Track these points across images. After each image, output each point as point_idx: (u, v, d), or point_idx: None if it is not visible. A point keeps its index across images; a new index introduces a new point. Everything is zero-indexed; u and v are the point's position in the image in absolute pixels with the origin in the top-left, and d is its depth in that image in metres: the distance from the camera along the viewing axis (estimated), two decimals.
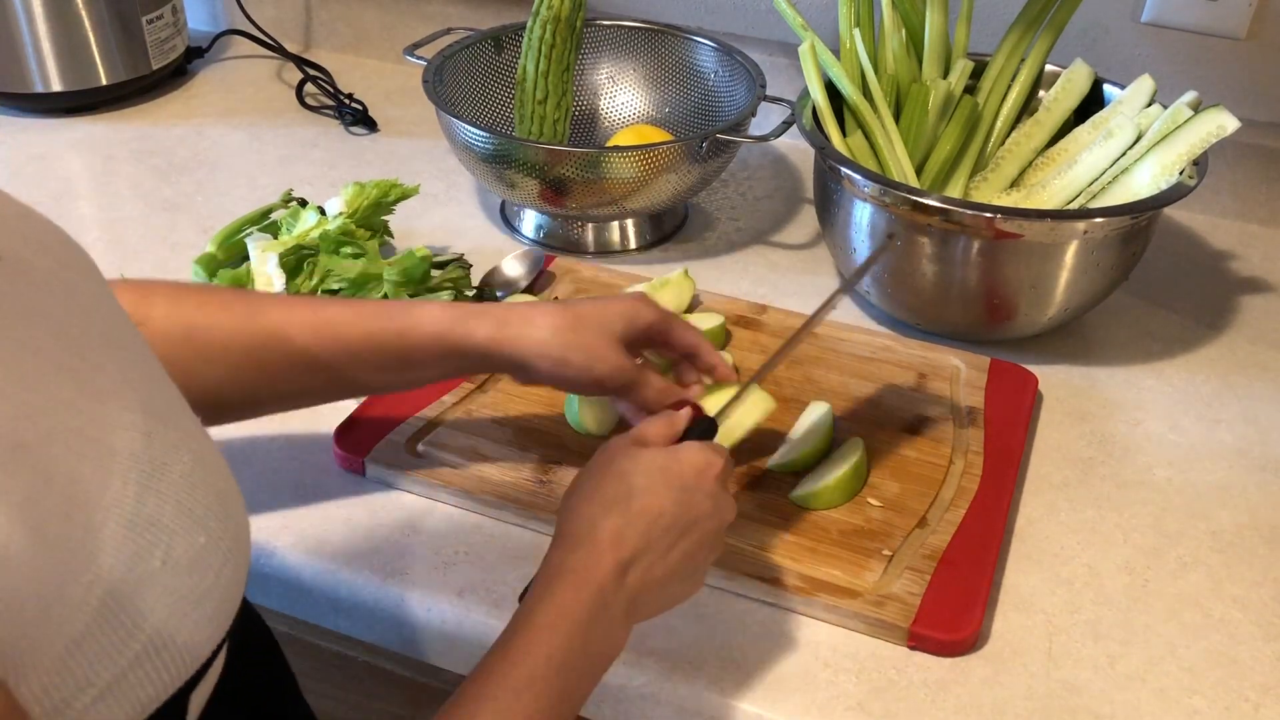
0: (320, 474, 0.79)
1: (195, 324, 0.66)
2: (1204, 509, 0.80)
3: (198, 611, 0.40)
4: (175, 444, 0.41)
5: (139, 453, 0.39)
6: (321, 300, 0.72)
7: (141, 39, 1.27)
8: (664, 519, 0.58)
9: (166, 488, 0.39)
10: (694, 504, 0.60)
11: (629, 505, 0.58)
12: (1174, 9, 1.08)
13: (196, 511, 0.40)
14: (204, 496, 0.41)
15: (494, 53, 1.13)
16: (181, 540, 0.39)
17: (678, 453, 0.61)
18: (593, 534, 0.57)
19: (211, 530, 0.40)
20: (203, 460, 0.42)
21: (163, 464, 0.39)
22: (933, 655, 0.67)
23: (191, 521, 0.40)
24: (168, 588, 0.38)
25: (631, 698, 0.66)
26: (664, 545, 0.58)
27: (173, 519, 0.39)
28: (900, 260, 0.90)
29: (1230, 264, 1.09)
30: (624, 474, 0.60)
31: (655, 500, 0.59)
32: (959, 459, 0.80)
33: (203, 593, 0.40)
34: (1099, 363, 0.94)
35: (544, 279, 0.98)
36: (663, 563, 0.58)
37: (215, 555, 0.41)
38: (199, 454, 0.42)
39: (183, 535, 0.39)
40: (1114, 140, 0.92)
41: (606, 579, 0.56)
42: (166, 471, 0.39)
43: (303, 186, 1.12)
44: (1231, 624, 0.71)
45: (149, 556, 0.38)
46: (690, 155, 0.98)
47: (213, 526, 0.41)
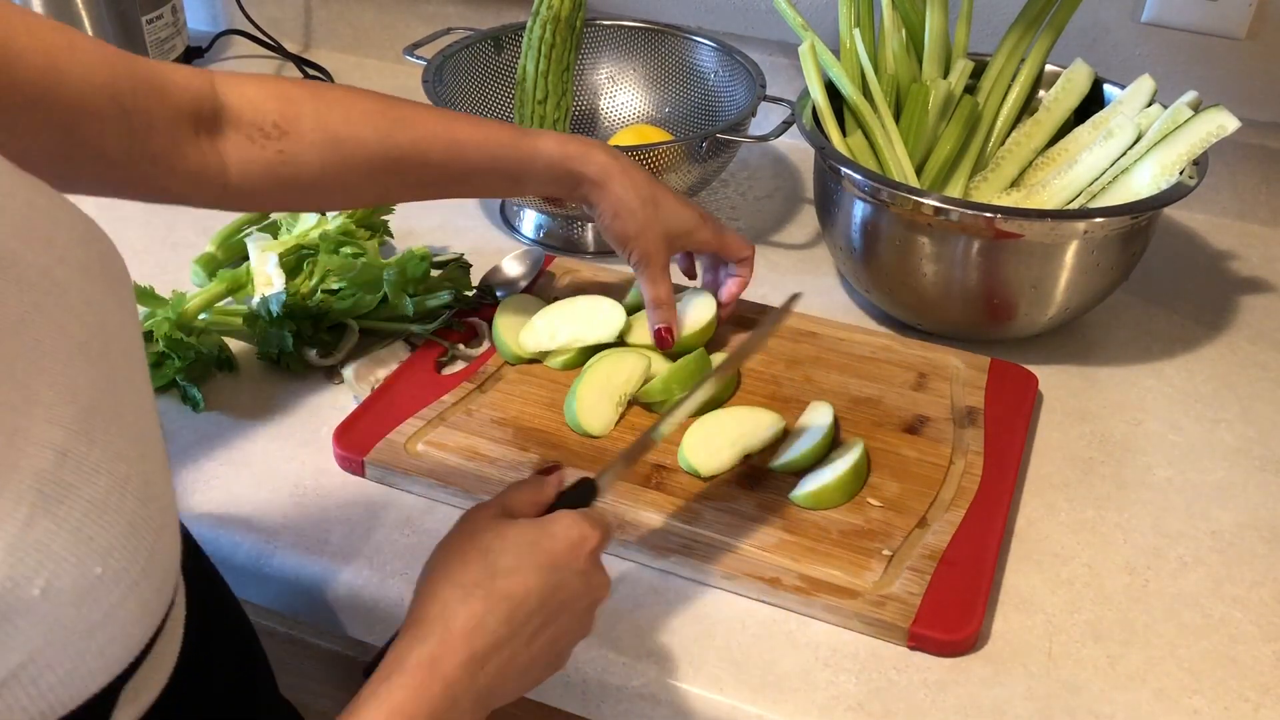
0: (320, 474, 0.79)
1: (341, 136, 0.71)
2: (1204, 509, 0.80)
3: (84, 644, 0.37)
4: (94, 467, 0.38)
5: (44, 472, 0.36)
6: (453, 119, 0.78)
7: (141, 39, 1.27)
8: (529, 603, 0.54)
9: (66, 513, 0.36)
10: (564, 585, 0.56)
11: (491, 588, 0.54)
12: (1174, 9, 1.08)
13: (97, 541, 0.37)
14: (111, 525, 0.38)
15: (494, 53, 1.13)
16: (71, 571, 0.36)
17: (549, 526, 0.57)
18: (446, 621, 0.53)
19: (112, 562, 0.38)
20: (124, 485, 0.39)
21: (69, 486, 0.37)
22: (933, 655, 0.67)
23: (89, 551, 0.37)
24: (45, 618, 0.36)
25: (631, 698, 0.66)
26: (528, 632, 0.54)
27: (65, 547, 0.36)
28: (900, 260, 0.90)
29: (1230, 264, 1.09)
30: (487, 551, 0.55)
31: (521, 582, 0.54)
32: (959, 459, 0.80)
33: (91, 626, 0.37)
34: (1099, 363, 0.94)
35: (544, 279, 0.98)
36: (526, 651, 0.54)
37: (114, 588, 0.38)
38: (123, 478, 0.39)
39: (74, 565, 0.36)
40: (1114, 140, 0.92)
41: (457, 675, 0.52)
42: (71, 495, 0.37)
43: None
44: (1231, 624, 0.71)
45: (27, 584, 0.35)
46: (690, 155, 0.98)
47: (115, 558, 0.38)
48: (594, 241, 1.06)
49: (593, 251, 1.06)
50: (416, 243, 1.00)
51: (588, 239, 1.06)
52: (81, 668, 0.38)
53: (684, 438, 0.79)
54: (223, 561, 0.74)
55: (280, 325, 0.86)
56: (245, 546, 0.74)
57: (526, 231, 1.08)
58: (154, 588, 0.41)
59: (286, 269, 0.91)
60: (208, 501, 0.76)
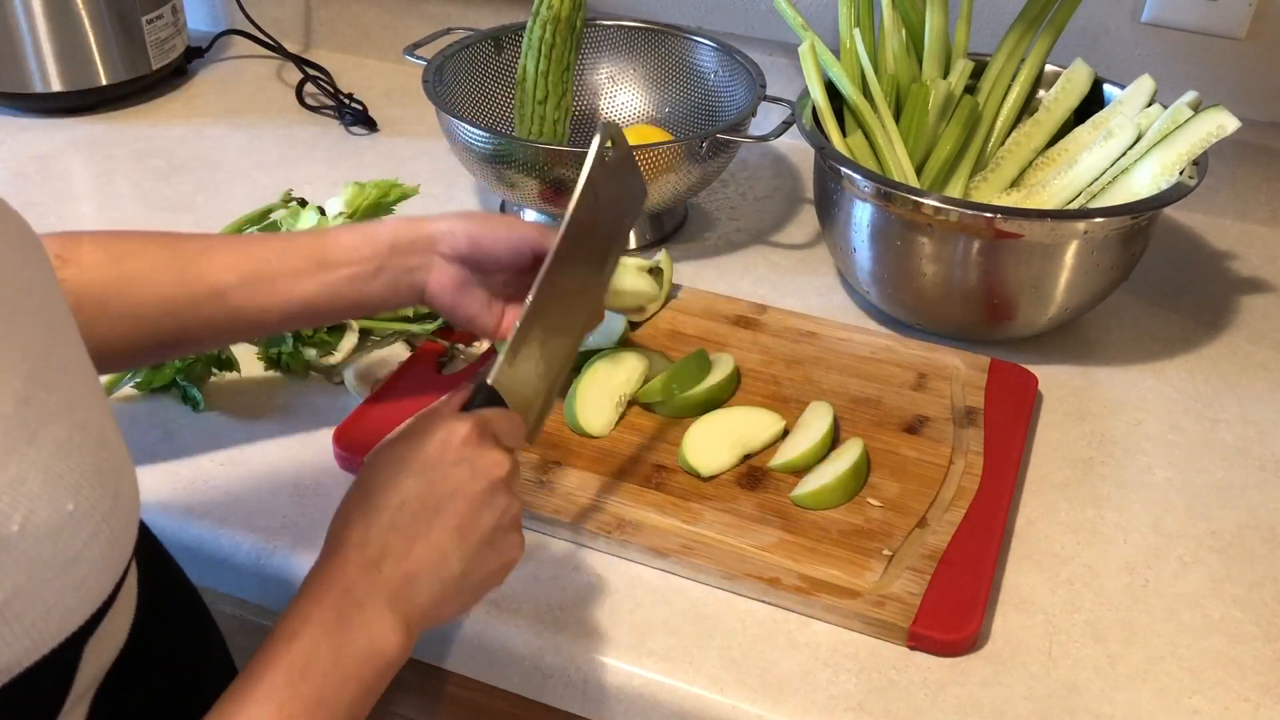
0: (320, 474, 0.79)
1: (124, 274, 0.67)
2: (1204, 509, 0.80)
3: (61, 579, 0.39)
4: (54, 412, 0.40)
5: (9, 416, 0.38)
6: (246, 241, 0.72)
7: (141, 39, 1.27)
8: (407, 505, 0.57)
9: (35, 454, 0.39)
10: (440, 478, 0.57)
11: (367, 504, 0.57)
12: (1174, 9, 1.08)
13: (67, 479, 0.39)
14: (77, 465, 0.40)
15: (494, 53, 1.13)
16: (45, 507, 0.38)
17: (413, 434, 0.59)
18: (337, 544, 0.56)
19: (82, 499, 0.40)
20: (83, 429, 0.41)
21: (35, 430, 0.39)
22: (933, 655, 0.67)
23: (60, 488, 0.39)
24: (25, 554, 0.38)
25: (631, 697, 0.66)
26: (416, 529, 0.56)
27: (38, 485, 0.38)
28: (900, 260, 0.90)
29: (1230, 264, 1.09)
30: (362, 480, 0.59)
31: (393, 492, 0.57)
32: (959, 459, 0.80)
33: (68, 560, 0.39)
34: (1099, 363, 0.94)
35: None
36: (423, 549, 0.56)
37: (85, 524, 0.40)
38: (81, 423, 0.41)
39: (47, 502, 0.38)
40: (1114, 140, 0.92)
41: (352, 579, 0.54)
42: (37, 438, 0.39)
43: (303, 186, 1.12)
44: (1231, 624, 0.71)
45: (7, 520, 0.37)
46: (690, 155, 0.98)
47: (84, 495, 0.40)
48: None
49: None
50: None
51: None
52: (60, 604, 0.39)
53: (684, 438, 0.79)
54: (223, 562, 0.74)
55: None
56: (245, 546, 0.74)
57: None
58: (120, 529, 0.43)
59: None
60: (208, 501, 0.76)
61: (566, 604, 0.70)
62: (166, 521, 0.75)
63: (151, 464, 0.79)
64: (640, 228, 1.07)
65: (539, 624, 0.68)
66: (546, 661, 0.68)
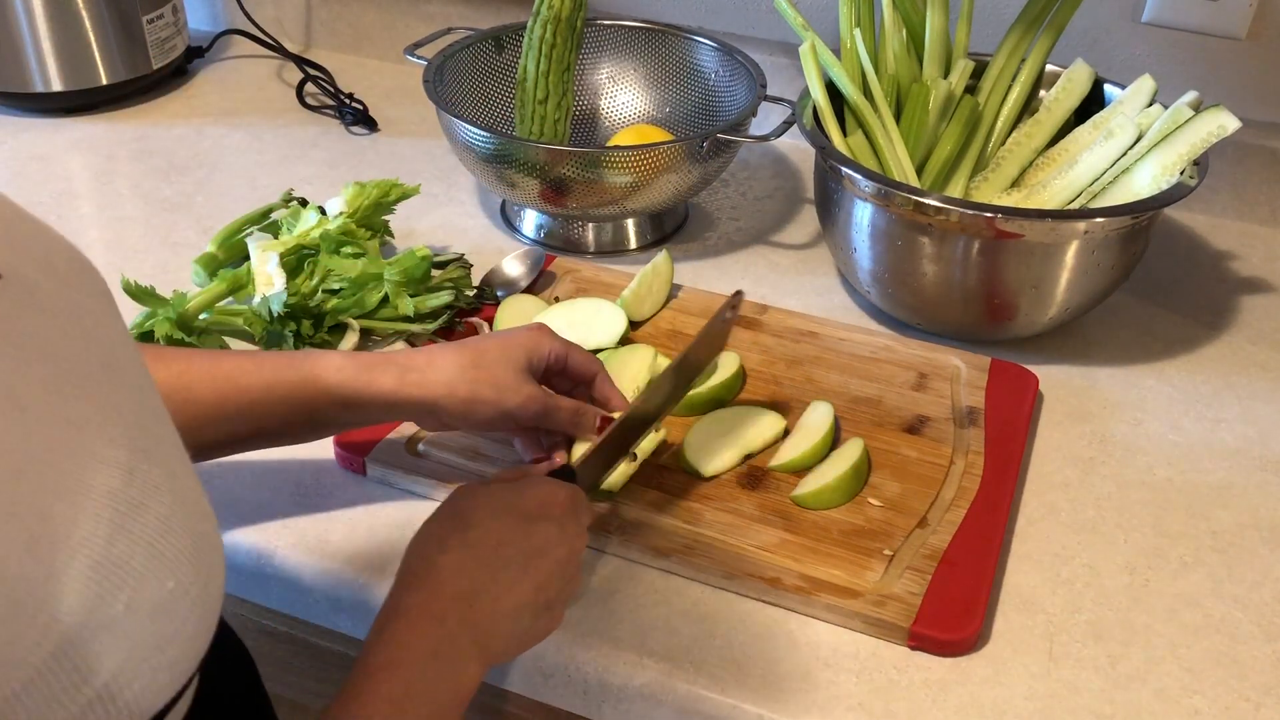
0: (320, 474, 0.79)
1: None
2: (1204, 509, 0.80)
3: (158, 658, 0.38)
4: (157, 484, 0.39)
5: (117, 491, 0.37)
6: (222, 355, 0.70)
7: (141, 39, 1.27)
8: (506, 549, 0.58)
9: (140, 530, 0.37)
10: (537, 533, 0.59)
11: (466, 537, 0.58)
12: (1174, 9, 1.08)
13: (168, 555, 0.38)
14: (178, 540, 0.39)
15: (494, 53, 1.13)
16: (149, 585, 0.37)
17: (519, 487, 0.61)
18: (431, 570, 0.56)
19: (182, 575, 0.39)
20: (183, 502, 0.40)
21: (140, 504, 0.38)
22: (933, 655, 0.67)
23: (162, 566, 0.38)
24: (128, 634, 0.37)
25: (631, 698, 0.66)
26: (510, 576, 0.58)
27: (143, 563, 0.37)
28: (901, 260, 0.90)
29: (1230, 264, 1.09)
30: (462, 511, 0.59)
31: (495, 531, 0.58)
32: (959, 459, 0.80)
33: (165, 639, 0.38)
34: (1099, 363, 0.94)
35: (544, 279, 0.98)
36: (510, 595, 0.57)
37: (183, 601, 0.39)
38: (180, 495, 0.40)
39: (151, 580, 0.37)
40: (1114, 140, 0.92)
41: (448, 612, 0.55)
42: (143, 512, 0.38)
43: (303, 186, 1.12)
44: (1231, 624, 0.71)
45: (112, 601, 0.36)
46: (690, 155, 0.98)
47: (184, 572, 0.39)
48: (594, 241, 1.06)
49: (593, 251, 1.06)
50: (417, 243, 1.00)
51: (588, 239, 1.06)
52: (154, 683, 0.38)
53: (685, 438, 0.79)
54: None
55: (281, 325, 0.86)
56: (245, 546, 0.74)
57: (527, 231, 1.08)
58: (211, 603, 0.42)
59: (287, 269, 0.91)
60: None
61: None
62: None
63: None
64: (640, 228, 1.07)
65: None
66: (546, 661, 0.67)
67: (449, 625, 0.55)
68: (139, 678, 0.37)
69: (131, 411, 0.40)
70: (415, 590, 0.56)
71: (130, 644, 0.37)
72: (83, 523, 0.36)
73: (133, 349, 0.45)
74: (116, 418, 0.39)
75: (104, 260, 1.00)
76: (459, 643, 0.55)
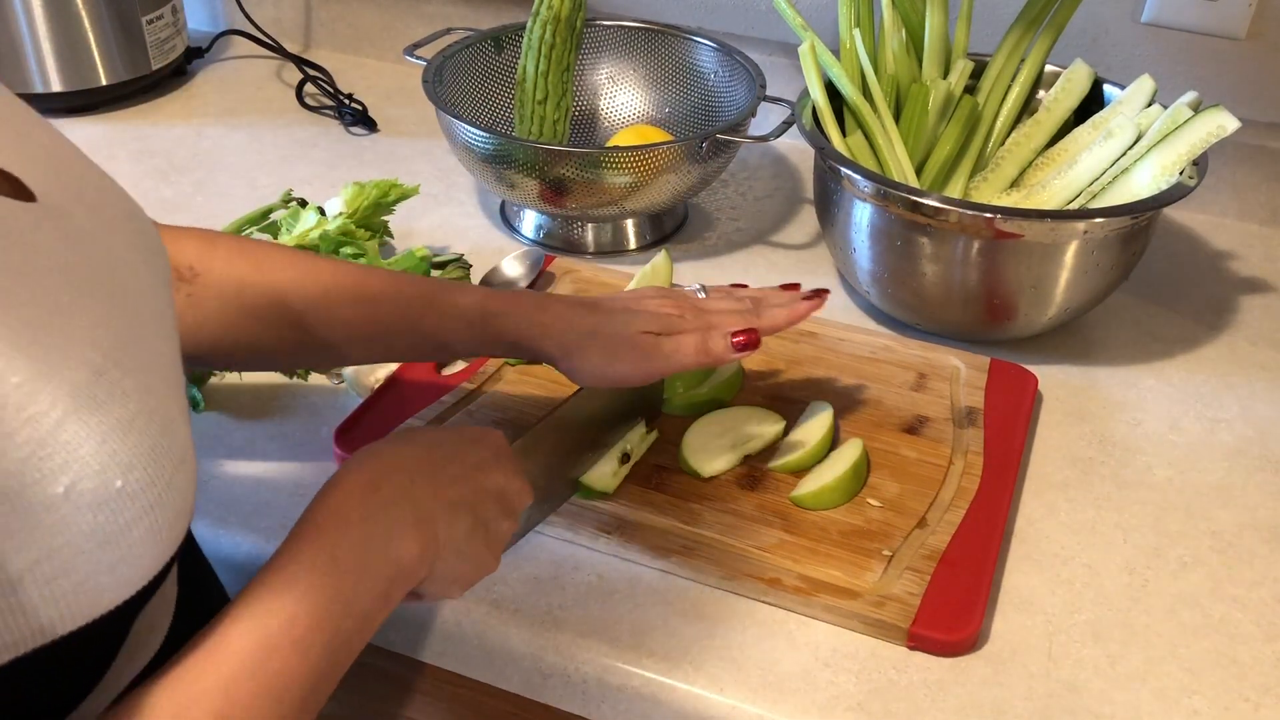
0: (320, 474, 0.78)
1: (246, 282, 0.68)
2: (1204, 509, 0.80)
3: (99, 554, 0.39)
4: (126, 391, 0.41)
5: (80, 384, 0.39)
6: (369, 272, 0.72)
7: (141, 39, 1.27)
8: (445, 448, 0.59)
9: (96, 423, 0.39)
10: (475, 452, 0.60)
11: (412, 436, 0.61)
12: (1174, 9, 1.08)
13: (120, 455, 0.40)
14: (135, 445, 0.40)
15: (494, 53, 1.13)
16: (93, 478, 0.39)
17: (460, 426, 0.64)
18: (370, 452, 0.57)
19: (132, 479, 0.40)
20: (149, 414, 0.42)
21: (101, 402, 0.39)
22: (933, 655, 0.67)
23: (112, 463, 0.39)
24: (64, 518, 0.38)
25: (631, 698, 0.66)
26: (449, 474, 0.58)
27: (90, 453, 0.39)
28: (900, 260, 0.90)
29: (1230, 264, 1.09)
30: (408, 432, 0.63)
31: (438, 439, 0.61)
32: (959, 459, 0.80)
33: (108, 536, 0.39)
34: (1099, 363, 0.94)
35: (544, 279, 0.98)
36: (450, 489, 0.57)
37: (131, 504, 0.40)
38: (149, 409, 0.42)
39: (96, 473, 0.39)
40: (1114, 140, 0.92)
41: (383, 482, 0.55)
42: (102, 409, 0.39)
43: (302, 186, 1.12)
44: (1231, 624, 0.71)
45: (52, 480, 0.37)
46: (690, 155, 0.98)
47: (135, 475, 0.40)
48: (594, 242, 1.06)
49: (593, 252, 1.06)
50: (416, 243, 1.00)
51: (588, 239, 1.06)
52: (92, 580, 0.39)
53: (683, 439, 0.79)
54: (222, 561, 0.74)
55: None
56: (245, 546, 0.74)
57: (526, 231, 1.08)
58: (166, 518, 0.42)
59: None
60: (208, 501, 0.76)
61: (566, 604, 0.70)
62: None
63: None
64: (640, 228, 1.07)
65: (539, 624, 0.68)
66: (546, 661, 0.68)
67: (384, 492, 0.54)
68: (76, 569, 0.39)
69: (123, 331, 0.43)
70: (353, 468, 0.55)
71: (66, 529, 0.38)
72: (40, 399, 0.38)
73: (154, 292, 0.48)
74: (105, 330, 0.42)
75: None
76: (393, 511, 0.54)
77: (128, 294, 0.45)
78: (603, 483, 0.75)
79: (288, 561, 0.50)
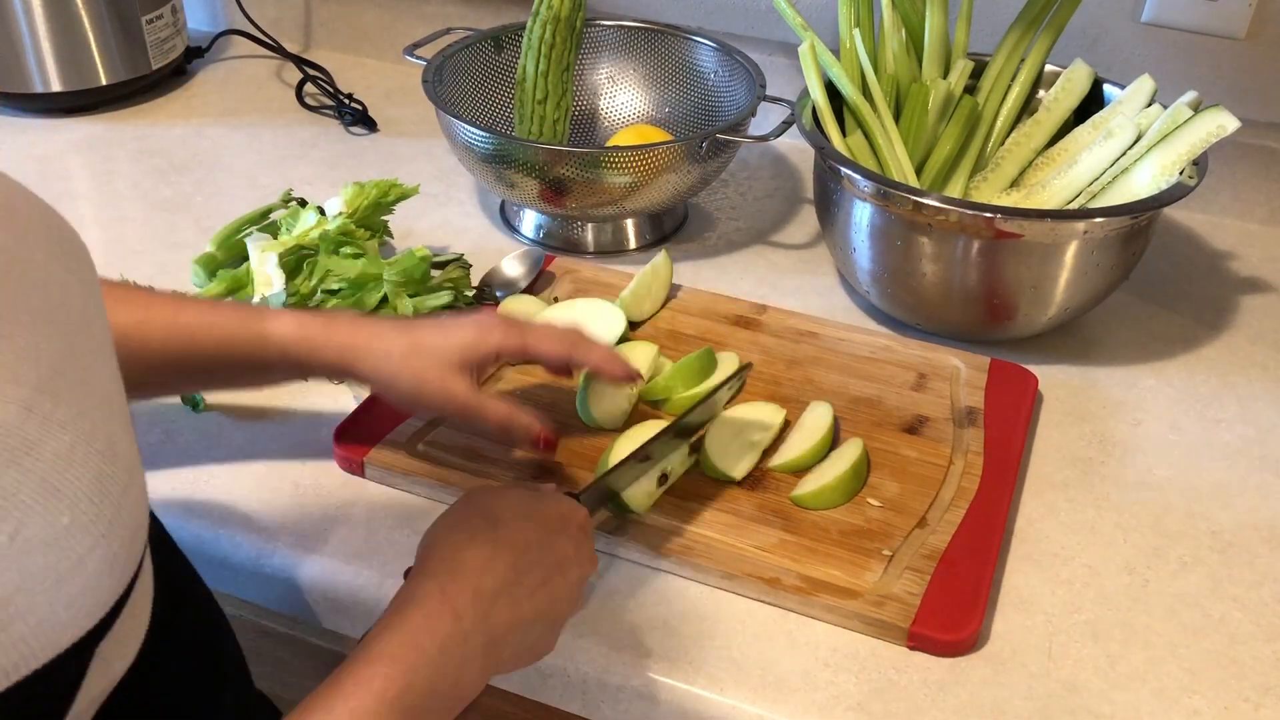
0: (320, 474, 0.79)
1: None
2: (1204, 509, 0.80)
3: (58, 590, 0.38)
4: (61, 423, 0.39)
5: (9, 425, 0.37)
6: (183, 303, 0.71)
7: (141, 39, 1.27)
8: (531, 553, 0.57)
9: (32, 464, 0.38)
10: (560, 546, 0.59)
11: (495, 534, 0.56)
12: (1174, 9, 1.08)
13: (64, 491, 0.39)
14: (77, 478, 0.39)
15: (494, 53, 1.13)
16: (38, 519, 0.38)
17: (542, 497, 0.61)
18: (454, 560, 0.55)
19: (80, 512, 0.39)
20: (89, 442, 0.40)
21: (35, 441, 0.38)
22: (933, 655, 0.67)
23: (56, 500, 0.38)
24: (13, 564, 0.37)
25: (631, 698, 0.66)
26: (529, 583, 0.56)
27: (31, 495, 0.37)
28: (900, 260, 0.90)
29: (1230, 264, 1.09)
30: (489, 507, 0.58)
31: (522, 533, 0.57)
32: (959, 459, 0.80)
33: (64, 572, 0.38)
34: (1099, 363, 0.94)
35: (544, 279, 0.98)
36: (530, 601, 0.56)
37: (83, 537, 0.39)
38: (89, 436, 0.40)
39: (40, 513, 0.38)
40: (1114, 140, 0.92)
41: (465, 608, 0.53)
42: (37, 449, 0.38)
43: (302, 186, 1.12)
44: (1231, 624, 0.71)
45: None
46: (690, 155, 0.98)
47: (82, 508, 0.39)
48: (594, 241, 1.06)
49: (593, 251, 1.06)
50: (416, 243, 1.00)
51: (588, 239, 1.06)
52: (51, 618, 0.39)
53: (705, 445, 0.78)
54: (222, 562, 0.74)
55: None
56: (245, 546, 0.74)
57: (526, 231, 1.08)
58: (121, 543, 0.42)
59: (287, 269, 0.91)
60: (208, 501, 0.76)
61: None
62: (166, 522, 0.75)
63: (152, 465, 0.79)
64: (640, 228, 1.07)
65: None
66: (545, 662, 0.67)
67: (464, 623, 0.53)
68: (33, 611, 0.38)
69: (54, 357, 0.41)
70: (435, 577, 0.54)
71: (18, 574, 0.37)
72: None
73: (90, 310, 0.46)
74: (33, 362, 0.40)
75: (103, 260, 1.00)
76: (470, 643, 0.53)
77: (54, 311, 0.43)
78: (637, 502, 0.74)
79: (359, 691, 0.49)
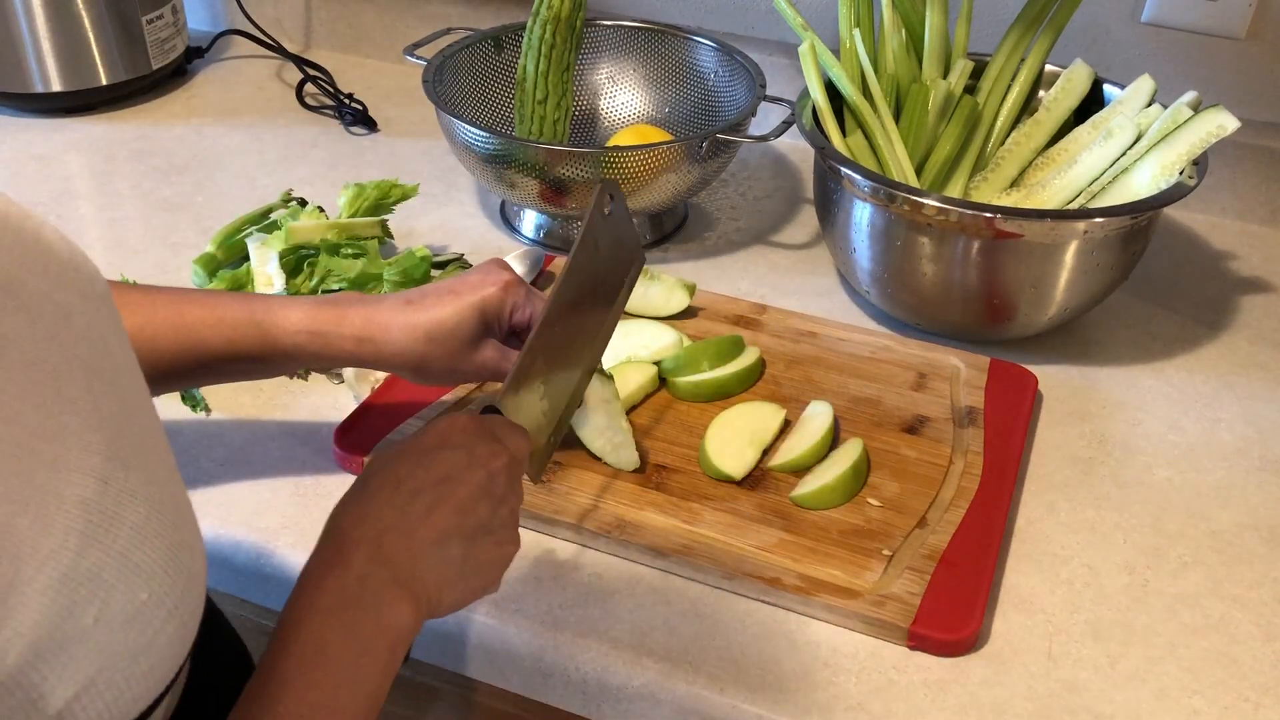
0: (320, 474, 0.79)
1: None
2: (1204, 509, 0.80)
3: (132, 668, 0.38)
4: (133, 491, 0.38)
5: (90, 501, 0.36)
6: (186, 300, 0.70)
7: (141, 39, 1.27)
8: (407, 483, 0.56)
9: (112, 540, 0.37)
10: (439, 462, 0.57)
11: (364, 490, 0.56)
12: (1174, 9, 1.08)
13: (143, 566, 0.38)
14: (153, 550, 0.38)
15: (494, 53, 1.13)
16: (120, 596, 0.37)
17: (417, 431, 0.60)
18: (333, 527, 0.55)
19: (156, 586, 0.38)
20: (160, 510, 0.40)
21: (114, 515, 0.37)
22: (933, 655, 0.67)
23: (135, 576, 0.38)
24: (99, 645, 0.36)
25: (631, 698, 0.66)
26: (418, 508, 0.55)
27: (115, 574, 0.37)
28: (900, 260, 0.90)
29: (1230, 264, 1.09)
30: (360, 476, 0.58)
31: (389, 475, 0.56)
32: (959, 459, 0.80)
33: (139, 650, 0.38)
34: (1099, 363, 0.94)
35: (544, 279, 0.98)
36: (425, 526, 0.55)
37: (158, 611, 0.39)
38: (159, 502, 0.40)
39: (122, 591, 0.37)
40: (1114, 140, 0.92)
41: (351, 557, 0.53)
42: (116, 523, 0.37)
43: (303, 186, 1.12)
44: (1231, 624, 0.71)
45: (81, 613, 0.35)
46: (690, 155, 0.98)
47: (158, 582, 0.39)
48: None
49: None
50: (417, 243, 1.00)
51: None
52: (129, 692, 0.38)
53: (703, 445, 0.78)
54: (223, 562, 0.74)
55: None
56: (245, 546, 0.74)
57: (526, 231, 1.08)
58: (190, 609, 0.41)
59: (287, 269, 0.91)
60: (208, 501, 0.76)
61: (566, 604, 0.70)
62: None
63: None
64: (640, 228, 1.07)
65: (539, 624, 0.68)
66: (546, 661, 0.68)
67: (354, 569, 0.53)
68: (111, 688, 0.37)
69: (114, 416, 0.39)
70: (318, 550, 0.54)
71: (101, 655, 0.36)
72: (52, 534, 0.35)
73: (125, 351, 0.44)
74: (96, 424, 0.38)
75: (103, 260, 1.00)
76: (370, 584, 0.52)
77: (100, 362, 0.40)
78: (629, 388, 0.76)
79: (279, 658, 0.49)
